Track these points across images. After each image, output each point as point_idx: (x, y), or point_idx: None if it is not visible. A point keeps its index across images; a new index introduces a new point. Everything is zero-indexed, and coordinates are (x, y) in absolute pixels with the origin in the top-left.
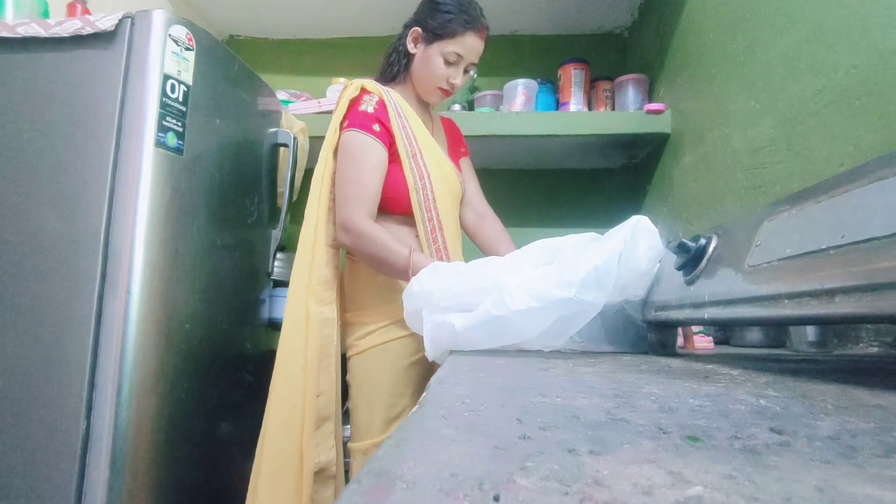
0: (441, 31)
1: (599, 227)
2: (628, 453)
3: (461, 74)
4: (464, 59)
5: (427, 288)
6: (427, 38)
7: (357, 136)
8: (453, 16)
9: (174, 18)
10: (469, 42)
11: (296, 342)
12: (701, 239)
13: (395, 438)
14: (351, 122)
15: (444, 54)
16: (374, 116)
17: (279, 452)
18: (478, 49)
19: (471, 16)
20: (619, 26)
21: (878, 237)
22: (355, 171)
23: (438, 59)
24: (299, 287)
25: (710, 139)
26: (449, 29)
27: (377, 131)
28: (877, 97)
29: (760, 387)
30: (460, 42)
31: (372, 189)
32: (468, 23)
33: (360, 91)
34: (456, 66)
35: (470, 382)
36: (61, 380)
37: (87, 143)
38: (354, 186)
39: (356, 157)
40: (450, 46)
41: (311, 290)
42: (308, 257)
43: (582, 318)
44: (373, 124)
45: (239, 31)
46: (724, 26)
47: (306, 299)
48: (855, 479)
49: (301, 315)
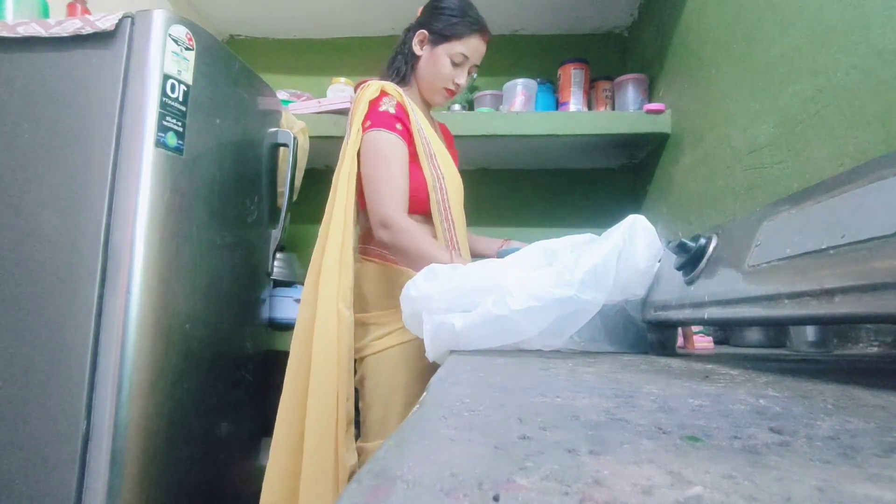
0: (448, 32)
1: (599, 227)
2: (628, 453)
3: (465, 76)
4: (468, 61)
5: (425, 291)
6: (434, 39)
7: (383, 134)
8: (459, 18)
9: (174, 18)
10: (474, 44)
11: (331, 345)
12: (701, 239)
13: (395, 438)
14: (374, 122)
15: (450, 55)
16: (395, 116)
17: (322, 458)
18: (481, 51)
19: (476, 20)
20: (619, 26)
21: (878, 237)
22: (386, 169)
23: (445, 60)
24: (330, 291)
25: (710, 139)
26: (456, 31)
27: (400, 130)
28: (877, 97)
29: (760, 387)
30: (466, 43)
31: (404, 185)
32: (473, 25)
33: (379, 92)
34: (461, 68)
35: (470, 382)
36: (61, 380)
37: (87, 143)
38: (388, 184)
39: (386, 155)
40: (456, 48)
41: (342, 294)
42: (338, 259)
43: (581, 318)
44: (395, 123)
45: (239, 31)
46: (724, 26)
47: (337, 303)
48: (855, 479)
49: (333, 318)
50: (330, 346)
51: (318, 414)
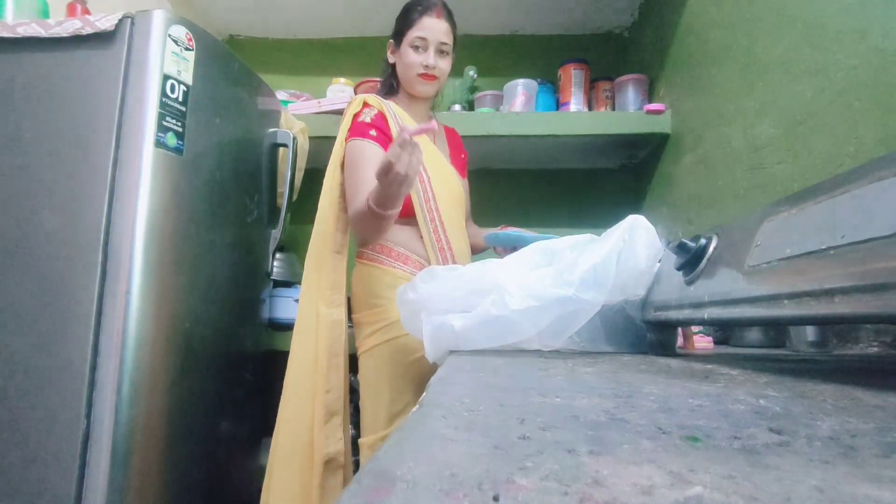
0: (402, 27)
1: (600, 228)
2: (628, 453)
3: (433, 56)
4: (429, 41)
5: (423, 293)
6: (396, 41)
7: (357, 143)
8: (406, 11)
9: (174, 18)
10: (427, 23)
11: (307, 342)
12: (701, 239)
13: (394, 438)
14: (352, 132)
15: (410, 44)
16: (370, 124)
17: (292, 443)
18: (438, 28)
19: (423, 3)
20: (619, 26)
21: (878, 237)
22: (359, 174)
23: (408, 51)
24: (310, 291)
25: (710, 139)
26: (407, 21)
27: (374, 136)
28: (877, 97)
29: (760, 387)
30: (419, 26)
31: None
32: (418, 7)
33: (361, 105)
34: (424, 50)
35: (470, 382)
36: (61, 379)
37: (87, 143)
38: (359, 186)
39: (358, 161)
40: (412, 34)
41: (321, 294)
42: (317, 263)
43: (581, 317)
44: (369, 130)
45: (239, 31)
46: (724, 26)
47: (317, 302)
48: (855, 479)
49: (312, 317)
50: (306, 343)
51: (293, 405)
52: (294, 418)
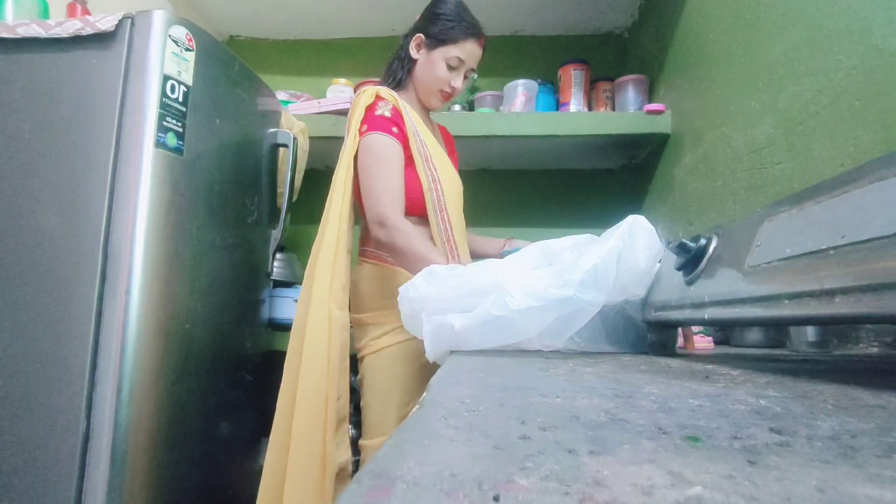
0: (444, 36)
1: (600, 228)
2: (628, 453)
3: (461, 79)
4: (464, 65)
5: (424, 292)
6: (430, 43)
7: (379, 137)
8: (455, 23)
9: (174, 19)
10: (470, 48)
11: (320, 346)
12: (701, 239)
13: (394, 439)
14: (370, 126)
15: (446, 59)
16: (391, 120)
17: (306, 454)
18: (477, 55)
19: (472, 24)
20: (619, 27)
21: (878, 237)
22: (382, 170)
23: (441, 64)
24: (322, 292)
25: (710, 139)
26: (452, 35)
27: (395, 133)
28: (877, 97)
29: (760, 387)
30: (462, 47)
31: (400, 186)
32: (469, 30)
33: (374, 98)
34: (457, 71)
35: (470, 382)
36: (61, 380)
37: (87, 143)
38: (383, 183)
39: (382, 157)
40: (452, 51)
41: (334, 295)
42: (331, 261)
43: (581, 318)
44: (391, 127)
45: (239, 32)
46: (724, 26)
47: (329, 304)
48: (855, 479)
49: (324, 319)
50: (320, 346)
51: (306, 412)
52: (307, 427)
